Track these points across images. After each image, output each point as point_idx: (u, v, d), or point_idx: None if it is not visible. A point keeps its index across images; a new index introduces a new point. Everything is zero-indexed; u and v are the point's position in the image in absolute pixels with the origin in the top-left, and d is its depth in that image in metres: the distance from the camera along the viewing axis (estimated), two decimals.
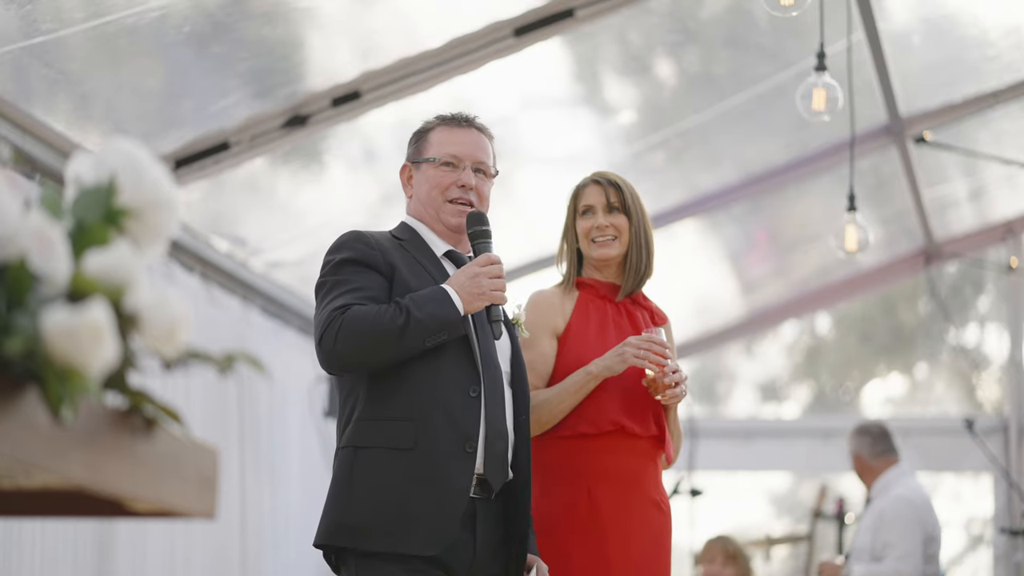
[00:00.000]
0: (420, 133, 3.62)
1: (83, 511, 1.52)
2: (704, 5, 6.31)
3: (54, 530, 4.71)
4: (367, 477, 3.23)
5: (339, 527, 3.27)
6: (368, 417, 3.27)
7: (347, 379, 3.37)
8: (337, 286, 3.33)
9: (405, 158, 3.61)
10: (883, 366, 10.11)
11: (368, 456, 3.24)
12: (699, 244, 8.56)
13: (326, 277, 3.40)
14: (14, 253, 1.26)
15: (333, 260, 3.41)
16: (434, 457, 3.21)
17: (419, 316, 3.20)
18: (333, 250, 3.44)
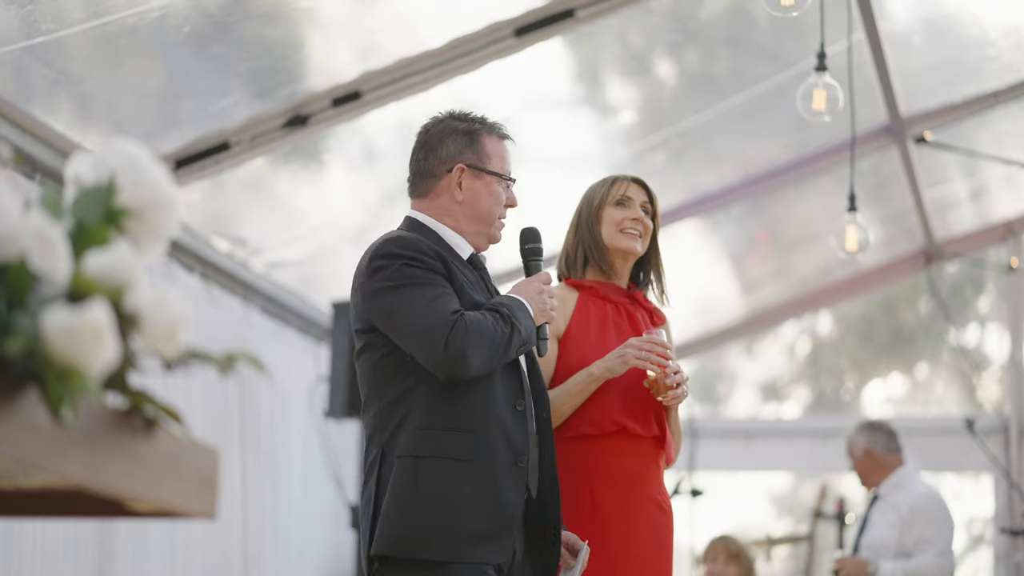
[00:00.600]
0: (470, 136, 3.42)
1: (83, 511, 1.52)
2: (704, 5, 6.31)
3: (54, 530, 4.71)
4: (431, 487, 3.18)
5: (406, 538, 3.18)
6: (428, 426, 3.21)
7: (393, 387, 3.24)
8: (423, 289, 3.19)
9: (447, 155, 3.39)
10: (883, 366, 10.10)
11: (431, 466, 3.19)
12: (699, 244, 8.56)
13: (397, 280, 3.20)
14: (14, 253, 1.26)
15: (395, 264, 3.22)
16: (493, 469, 3.21)
17: (519, 327, 3.21)
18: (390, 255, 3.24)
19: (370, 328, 3.27)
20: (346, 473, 6.76)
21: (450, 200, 3.39)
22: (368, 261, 3.26)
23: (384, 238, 3.31)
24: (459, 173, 3.39)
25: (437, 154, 3.42)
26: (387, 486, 3.21)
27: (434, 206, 3.41)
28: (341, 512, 6.76)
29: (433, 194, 3.41)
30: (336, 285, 6.97)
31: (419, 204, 3.44)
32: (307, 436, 6.68)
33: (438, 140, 3.43)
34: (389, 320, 3.21)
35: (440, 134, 3.44)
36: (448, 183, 3.40)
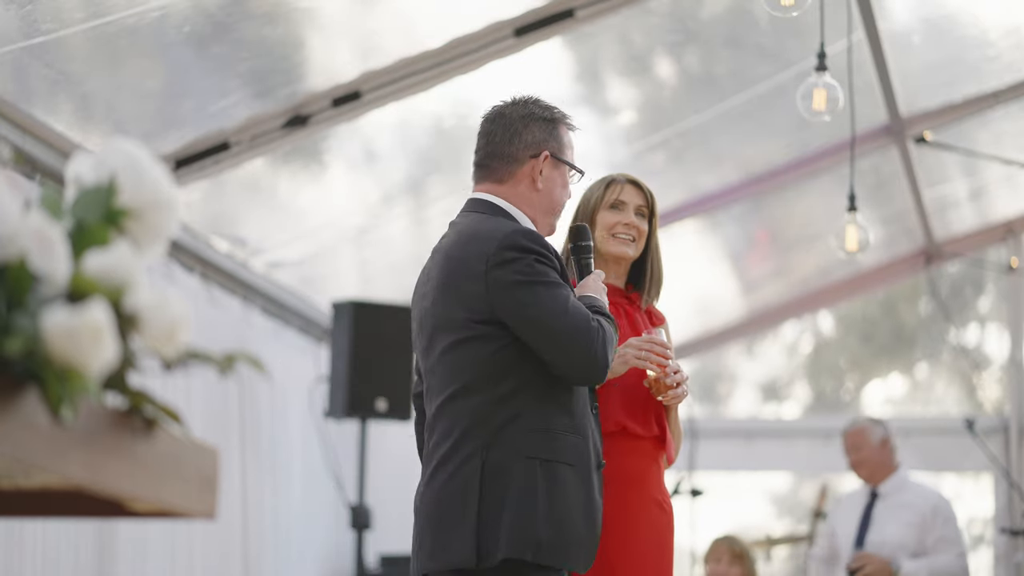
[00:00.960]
0: (552, 124, 3.37)
1: (83, 511, 1.52)
2: (704, 5, 6.31)
3: (54, 530, 4.71)
4: (558, 492, 3.14)
5: (534, 541, 3.11)
6: (544, 428, 3.16)
7: (506, 382, 3.16)
8: (559, 289, 3.15)
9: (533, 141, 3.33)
10: (884, 366, 10.10)
11: (555, 471, 3.14)
12: (699, 244, 8.56)
13: (534, 277, 3.15)
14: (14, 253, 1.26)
15: (528, 258, 3.15)
16: (589, 475, 3.22)
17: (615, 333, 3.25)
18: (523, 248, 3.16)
19: (488, 319, 3.16)
20: (346, 473, 6.76)
21: (530, 187, 3.33)
22: (497, 250, 3.16)
23: (508, 228, 3.20)
24: (543, 160, 3.33)
25: (522, 139, 3.35)
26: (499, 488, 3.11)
27: (513, 192, 3.34)
28: (341, 512, 6.76)
29: (514, 180, 3.34)
30: (336, 285, 6.97)
31: (495, 188, 3.36)
32: (307, 436, 6.68)
33: (523, 124, 3.36)
34: (524, 316, 3.13)
35: (524, 119, 3.37)
36: (531, 169, 3.33)
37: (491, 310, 3.16)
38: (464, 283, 3.19)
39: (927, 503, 6.50)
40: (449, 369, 3.23)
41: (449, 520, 3.15)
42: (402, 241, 7.13)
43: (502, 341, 3.16)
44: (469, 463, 3.14)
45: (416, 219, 6.92)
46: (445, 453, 3.20)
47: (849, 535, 6.60)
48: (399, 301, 6.87)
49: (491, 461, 3.12)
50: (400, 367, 6.55)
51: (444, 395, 3.23)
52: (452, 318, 3.21)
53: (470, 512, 3.11)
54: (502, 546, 3.09)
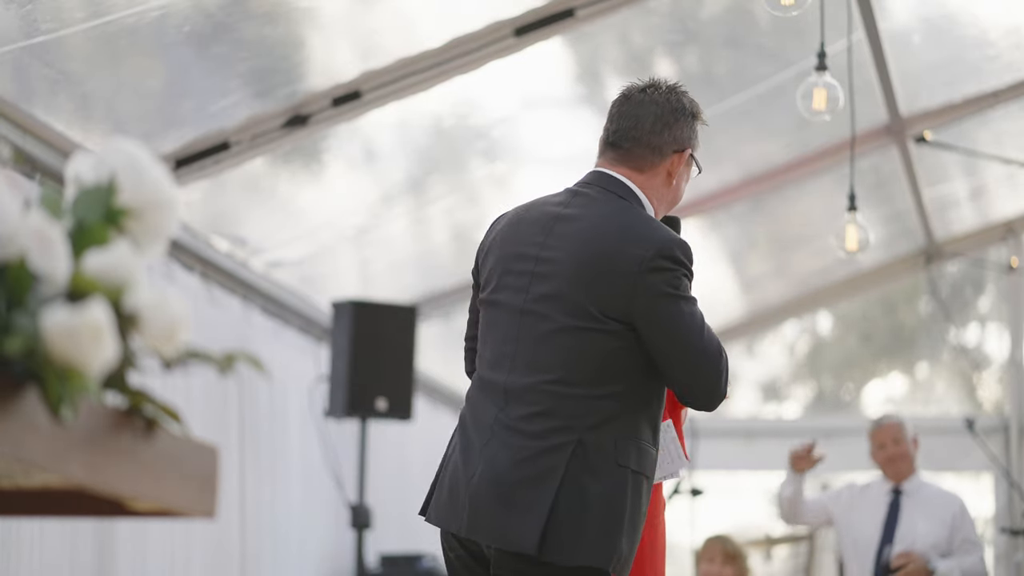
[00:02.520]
0: (696, 120, 3.35)
1: (83, 511, 1.52)
2: (704, 5, 6.31)
3: (54, 530, 4.71)
4: (639, 506, 3.08)
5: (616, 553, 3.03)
6: (641, 438, 3.08)
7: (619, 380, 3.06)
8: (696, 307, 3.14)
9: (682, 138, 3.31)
10: (884, 366, 10.10)
11: (639, 484, 3.08)
12: (699, 244, 8.56)
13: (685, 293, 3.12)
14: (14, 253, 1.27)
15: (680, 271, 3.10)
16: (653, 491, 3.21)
17: None
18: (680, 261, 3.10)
19: (620, 318, 3.06)
20: (346, 473, 6.76)
21: (664, 183, 3.26)
22: (653, 256, 3.06)
23: (668, 236, 3.12)
24: (686, 158, 3.31)
25: (671, 132, 3.29)
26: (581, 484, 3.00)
27: (648, 184, 3.24)
28: (341, 512, 6.76)
29: (653, 172, 3.26)
30: (336, 285, 6.97)
31: (632, 175, 3.24)
32: (307, 436, 6.68)
33: (673, 118, 3.31)
34: (663, 327, 3.07)
35: (675, 113, 3.31)
36: (670, 165, 3.27)
37: (628, 311, 3.06)
38: (609, 277, 3.07)
39: (955, 503, 6.49)
40: (556, 352, 3.08)
41: (521, 501, 3.00)
42: (402, 241, 7.13)
43: (624, 343, 3.06)
44: (557, 452, 3.00)
45: (416, 219, 6.92)
46: (535, 431, 3.03)
47: (869, 528, 6.51)
48: (399, 301, 6.87)
49: (580, 457, 3.01)
50: (400, 367, 6.56)
51: (547, 376, 3.06)
52: (579, 303, 3.08)
53: (545, 500, 2.98)
54: (582, 550, 2.98)
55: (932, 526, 6.42)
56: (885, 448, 6.54)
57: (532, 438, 3.04)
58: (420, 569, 6.97)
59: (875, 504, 6.56)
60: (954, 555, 6.38)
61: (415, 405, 6.69)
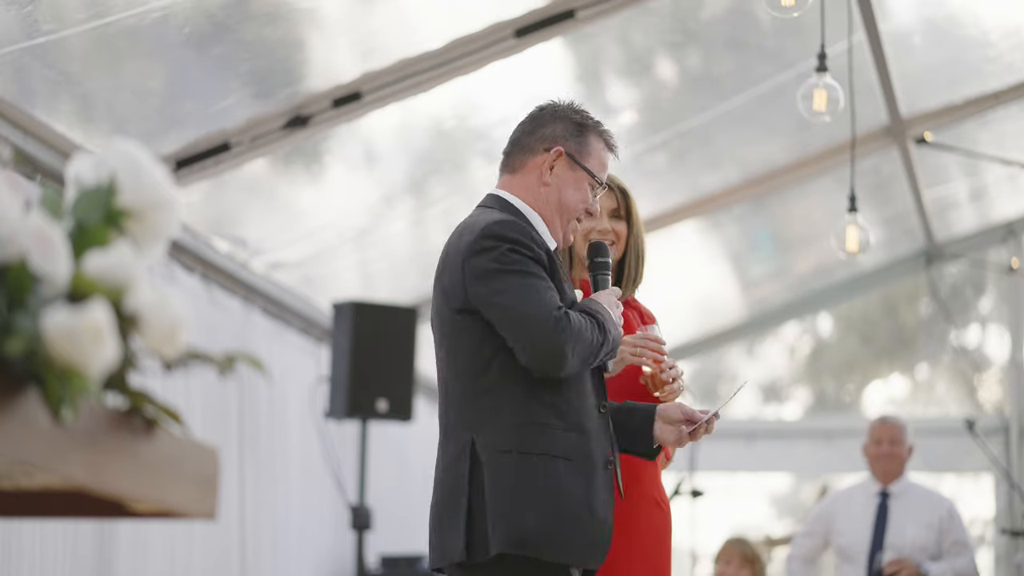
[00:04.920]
0: (580, 128, 3.35)
1: (84, 512, 1.52)
2: (705, 6, 6.31)
3: (54, 531, 4.71)
4: (551, 487, 3.12)
5: (527, 536, 3.10)
6: (531, 422, 3.14)
7: (490, 375, 3.14)
8: (530, 279, 3.12)
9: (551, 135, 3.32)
10: (884, 367, 10.11)
11: (548, 465, 3.13)
12: (700, 245, 8.56)
13: (505, 265, 3.13)
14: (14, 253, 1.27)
15: (503, 247, 3.14)
16: (591, 470, 3.19)
17: (611, 336, 3.19)
18: (499, 236, 3.15)
19: (466, 309, 3.16)
20: (347, 474, 6.76)
21: (537, 180, 3.32)
22: (475, 239, 3.16)
23: (490, 219, 3.20)
24: (556, 156, 3.32)
25: (541, 132, 3.36)
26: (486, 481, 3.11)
27: (522, 183, 3.33)
28: (341, 513, 6.76)
29: (524, 170, 3.34)
30: (337, 286, 6.97)
31: (508, 181, 3.35)
32: (307, 437, 6.68)
33: (548, 120, 3.37)
34: (493, 303, 3.12)
35: (552, 115, 3.38)
36: (542, 162, 3.32)
37: (467, 299, 3.16)
38: (448, 273, 3.21)
39: (943, 506, 6.49)
40: (441, 364, 3.25)
41: (446, 516, 3.16)
42: (402, 242, 7.13)
43: (481, 334, 3.15)
44: (460, 459, 3.15)
45: (416, 220, 6.92)
46: (441, 449, 3.23)
47: (858, 533, 6.51)
48: (399, 301, 6.87)
49: (478, 456, 3.13)
50: (400, 367, 6.56)
51: (442, 392, 3.25)
52: (441, 311, 3.23)
53: (461, 507, 3.12)
54: (493, 541, 3.10)
55: (920, 529, 6.42)
56: (881, 445, 6.55)
57: (441, 455, 3.22)
58: (420, 570, 6.97)
59: (863, 507, 6.55)
60: (945, 557, 6.39)
61: (415, 406, 6.70)
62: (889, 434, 6.56)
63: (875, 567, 6.40)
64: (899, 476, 6.55)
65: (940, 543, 6.41)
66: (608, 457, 3.26)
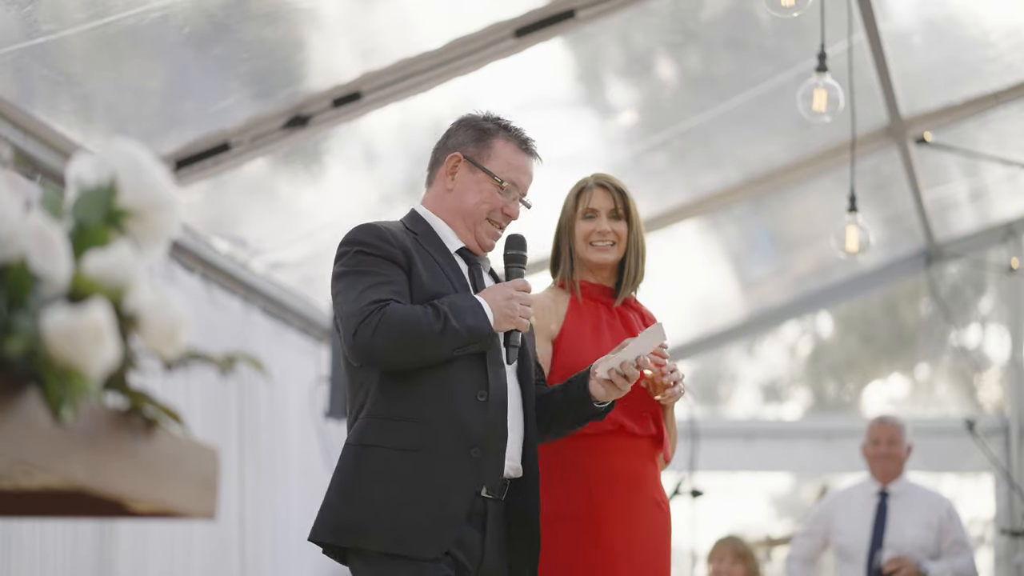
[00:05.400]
0: (482, 132, 3.39)
1: (84, 512, 1.52)
2: (705, 6, 6.31)
3: (54, 531, 4.71)
4: (374, 476, 3.18)
5: (344, 526, 3.21)
6: (376, 415, 3.21)
7: (359, 374, 3.25)
8: (363, 277, 3.20)
9: (453, 144, 3.39)
10: (884, 367, 10.10)
11: (375, 455, 3.19)
12: (700, 245, 8.56)
13: (347, 267, 3.24)
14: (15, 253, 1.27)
15: (352, 250, 3.25)
16: (436, 460, 3.18)
17: (456, 326, 3.16)
18: (351, 241, 3.28)
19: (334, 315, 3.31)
20: None
21: (443, 189, 3.39)
22: (337, 247, 3.31)
23: (354, 227, 3.33)
24: (454, 162, 3.37)
25: (447, 143, 3.43)
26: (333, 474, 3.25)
27: (432, 195, 3.42)
28: None
29: (435, 181, 3.43)
30: None
31: (424, 195, 3.46)
32: (306, 437, 6.68)
33: (455, 131, 3.44)
34: (334, 306, 3.27)
35: (459, 125, 3.44)
36: (444, 171, 3.39)
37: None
38: None
39: (942, 506, 6.49)
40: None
41: None
42: None
43: None
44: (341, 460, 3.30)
45: None
46: None
47: (858, 533, 6.51)
48: None
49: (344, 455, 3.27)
50: None
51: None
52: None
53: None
54: (312, 532, 3.28)
55: (920, 529, 6.42)
56: (879, 445, 6.56)
57: None
58: None
59: (862, 507, 6.55)
60: (945, 557, 6.39)
61: None
62: (887, 434, 6.56)
63: (875, 566, 6.39)
64: (898, 476, 6.55)
65: (939, 543, 6.41)
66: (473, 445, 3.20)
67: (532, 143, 3.44)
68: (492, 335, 3.23)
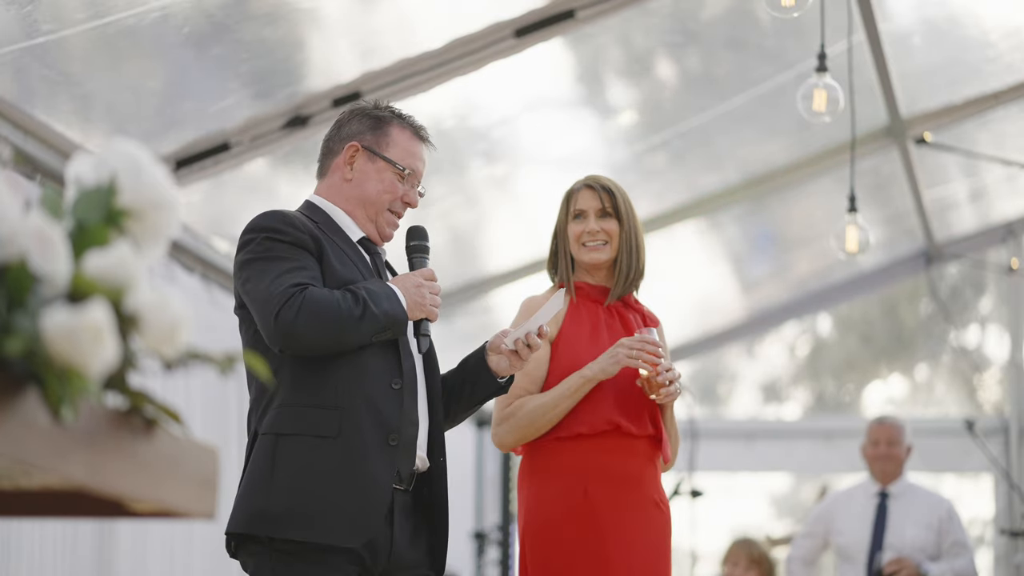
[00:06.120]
0: (378, 121, 3.37)
1: (83, 512, 1.52)
2: (705, 6, 6.31)
3: (54, 531, 4.71)
4: (291, 465, 3.12)
5: (259, 515, 3.12)
6: (291, 404, 3.15)
7: (267, 362, 3.16)
8: (277, 262, 3.14)
9: (348, 133, 3.36)
10: (884, 367, 10.11)
11: (292, 444, 3.13)
12: (700, 245, 8.56)
13: (256, 254, 3.16)
14: (14, 253, 1.27)
15: (259, 237, 3.18)
16: (359, 447, 3.14)
17: (374, 310, 3.13)
18: (258, 228, 3.20)
19: (239, 303, 3.23)
20: None
21: (340, 179, 3.37)
22: (240, 239, 3.23)
23: (256, 216, 3.26)
24: (352, 151, 3.35)
25: (340, 132, 3.41)
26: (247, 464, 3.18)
27: (328, 185, 3.39)
28: None
29: (330, 172, 3.40)
30: None
31: (319, 186, 3.41)
32: None
33: (347, 120, 3.41)
34: (243, 292, 3.19)
35: (350, 114, 3.42)
36: (342, 161, 3.37)
37: (237, 294, 3.24)
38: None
39: (942, 506, 6.49)
40: None
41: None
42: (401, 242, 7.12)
43: (254, 324, 3.19)
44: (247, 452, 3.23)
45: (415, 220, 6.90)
46: None
47: (858, 533, 6.51)
48: None
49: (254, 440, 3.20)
50: None
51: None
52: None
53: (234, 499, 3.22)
54: (228, 523, 3.17)
55: (920, 530, 6.42)
56: (878, 446, 6.56)
57: None
58: None
59: (862, 508, 6.55)
60: (944, 558, 6.39)
61: None
62: (887, 435, 6.56)
63: (875, 567, 6.39)
64: (898, 477, 6.55)
65: (939, 544, 6.41)
66: (392, 432, 3.18)
67: (425, 131, 3.44)
68: (406, 322, 3.21)
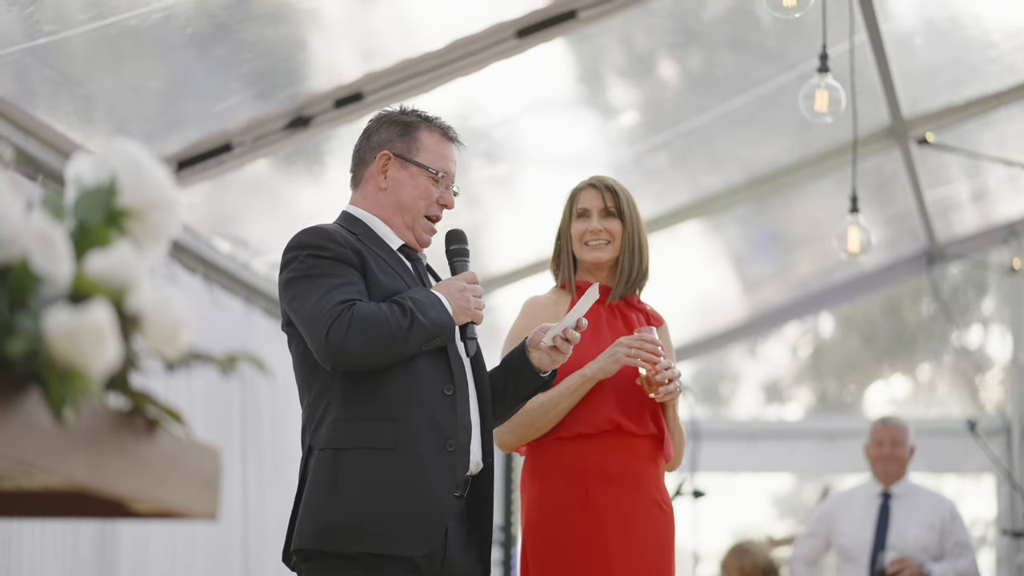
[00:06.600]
0: (406, 127, 3.40)
1: (85, 512, 1.52)
2: (707, 6, 6.31)
3: (54, 531, 4.71)
4: (353, 479, 3.14)
5: (327, 530, 3.14)
6: (347, 418, 3.17)
7: (317, 379, 3.22)
8: (322, 279, 3.17)
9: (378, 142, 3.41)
10: (886, 368, 10.10)
11: (352, 458, 3.16)
12: (702, 245, 8.56)
13: (300, 272, 3.20)
14: (16, 254, 1.27)
15: (302, 255, 3.22)
16: (416, 457, 3.16)
17: (422, 320, 3.15)
18: (300, 245, 3.25)
19: (287, 322, 3.26)
20: None
21: (375, 188, 3.39)
22: (282, 256, 3.27)
23: (298, 233, 3.30)
24: (384, 160, 3.37)
25: (371, 141, 3.43)
26: (308, 480, 3.20)
27: (363, 195, 3.41)
28: None
29: (363, 182, 3.42)
30: None
31: (354, 196, 3.45)
32: None
33: (375, 128, 3.44)
34: (291, 311, 3.20)
35: (378, 122, 3.45)
36: (375, 170, 3.39)
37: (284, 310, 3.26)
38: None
39: (944, 507, 6.49)
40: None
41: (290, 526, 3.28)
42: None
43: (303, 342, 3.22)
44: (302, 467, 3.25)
45: None
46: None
47: (860, 534, 6.51)
48: None
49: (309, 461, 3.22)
50: None
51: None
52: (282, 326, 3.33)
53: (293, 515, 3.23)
54: (297, 537, 3.17)
55: (922, 530, 6.42)
56: (882, 447, 6.56)
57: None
58: None
59: (865, 508, 6.55)
60: (947, 559, 6.39)
61: None
62: (890, 435, 6.56)
63: (877, 567, 6.39)
64: (900, 477, 6.55)
65: (942, 544, 6.41)
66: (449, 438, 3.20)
67: (454, 131, 3.45)
68: (453, 328, 3.23)
